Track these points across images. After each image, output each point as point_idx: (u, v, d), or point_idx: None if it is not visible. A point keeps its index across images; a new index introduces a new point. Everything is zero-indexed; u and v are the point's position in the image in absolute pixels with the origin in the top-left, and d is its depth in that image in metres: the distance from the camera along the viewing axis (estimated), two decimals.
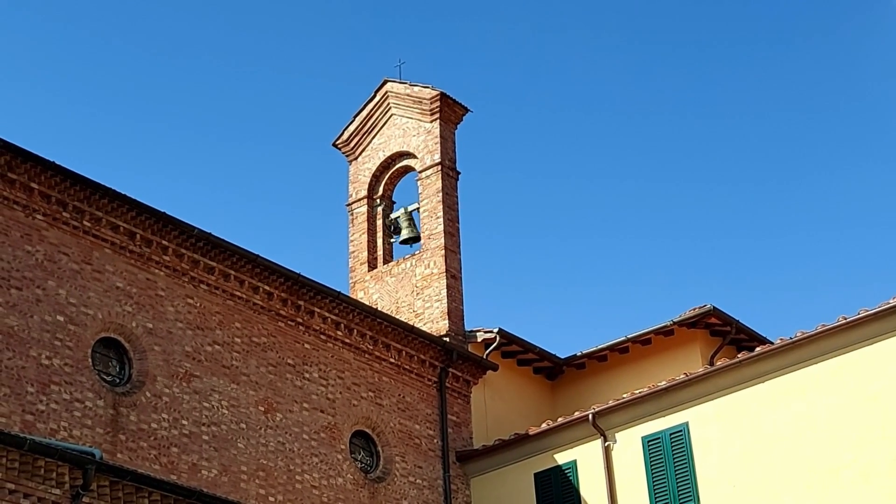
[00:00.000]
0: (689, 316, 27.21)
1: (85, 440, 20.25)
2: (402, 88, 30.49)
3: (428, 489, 25.82)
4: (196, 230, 22.87)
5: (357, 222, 30.38)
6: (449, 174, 29.62)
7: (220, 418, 22.58)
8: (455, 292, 28.43)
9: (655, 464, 24.27)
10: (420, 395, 26.57)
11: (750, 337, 27.51)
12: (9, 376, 19.75)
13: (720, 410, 23.87)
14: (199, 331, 22.85)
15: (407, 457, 25.70)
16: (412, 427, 26.07)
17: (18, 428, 19.38)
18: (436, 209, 29.15)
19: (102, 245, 21.85)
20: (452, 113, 30.17)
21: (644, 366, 28.06)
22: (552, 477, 25.52)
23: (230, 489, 22.08)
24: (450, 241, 28.86)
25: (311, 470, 23.75)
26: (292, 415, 23.85)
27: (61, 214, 21.34)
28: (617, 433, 24.93)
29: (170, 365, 22.14)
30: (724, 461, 23.53)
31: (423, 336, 26.68)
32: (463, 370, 27.37)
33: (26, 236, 20.83)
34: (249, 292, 23.87)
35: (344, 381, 25.09)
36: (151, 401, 21.65)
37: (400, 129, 30.52)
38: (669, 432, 24.30)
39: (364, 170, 30.83)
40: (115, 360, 21.73)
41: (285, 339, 24.29)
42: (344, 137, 31.25)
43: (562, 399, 29.34)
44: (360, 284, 29.64)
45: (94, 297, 21.43)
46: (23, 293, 20.43)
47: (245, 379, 23.27)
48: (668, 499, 23.91)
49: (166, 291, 22.58)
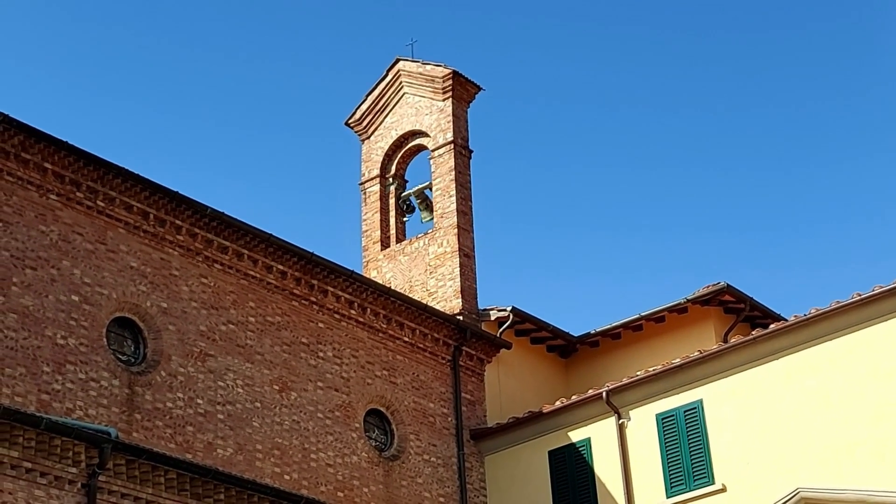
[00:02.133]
0: (703, 293, 27.17)
1: (101, 419, 20.32)
2: (415, 67, 30.45)
3: (442, 467, 25.88)
4: (209, 209, 22.89)
5: (370, 201, 30.38)
6: (462, 153, 29.58)
7: (235, 397, 22.64)
8: (468, 271, 28.42)
9: (670, 441, 24.28)
10: (434, 373, 26.60)
11: (764, 314, 27.47)
12: (24, 356, 19.82)
13: (734, 388, 23.87)
14: (214, 310, 22.90)
15: (421, 435, 25.75)
16: (426, 405, 26.11)
17: (34, 407, 19.46)
18: (448, 188, 29.12)
19: (116, 225, 21.88)
20: (465, 91, 30.11)
21: (658, 343, 28.04)
22: (566, 455, 25.54)
23: (245, 468, 22.16)
24: (462, 220, 28.84)
25: (325, 448, 23.81)
26: (307, 393, 23.91)
27: (75, 194, 21.38)
28: (631, 410, 24.94)
29: (184, 344, 22.20)
30: (739, 438, 23.53)
31: (437, 315, 26.69)
32: (476, 348, 27.39)
33: (40, 216, 20.87)
34: (263, 271, 23.90)
35: (358, 360, 25.12)
36: (166, 380, 21.71)
37: (412, 108, 30.48)
38: (683, 409, 24.30)
39: (377, 149, 30.81)
40: (129, 340, 21.79)
41: (299, 318, 24.32)
42: (356, 116, 31.22)
43: (575, 377, 29.34)
44: (374, 263, 29.66)
45: (108, 276, 21.48)
46: (38, 273, 20.48)
47: (259, 358, 23.33)
48: (683, 476, 23.93)
49: (180, 271, 22.62)
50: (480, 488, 26.35)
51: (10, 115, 20.35)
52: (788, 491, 22.42)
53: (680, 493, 23.85)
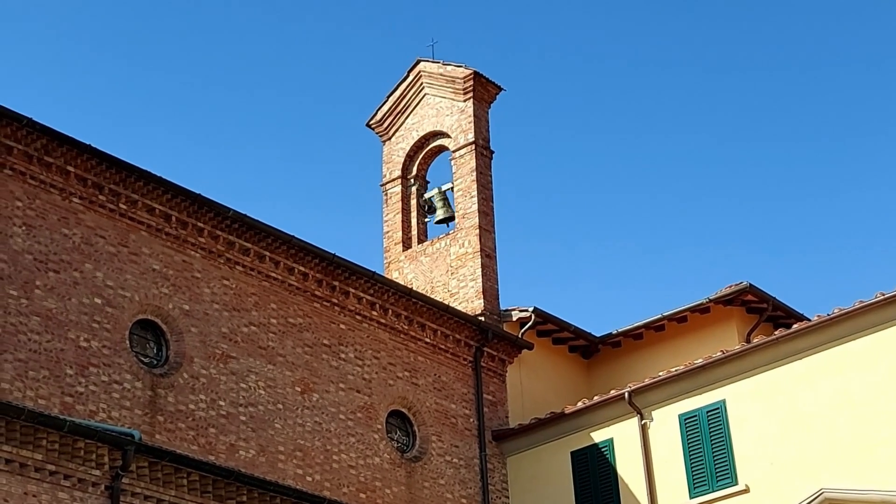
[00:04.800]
0: (726, 293, 27.09)
1: (124, 422, 20.38)
2: (436, 68, 30.45)
3: (464, 468, 25.87)
4: (231, 212, 22.94)
5: (391, 202, 30.40)
6: (483, 153, 29.57)
7: (257, 399, 22.68)
8: (490, 271, 28.40)
9: (692, 441, 24.22)
10: (456, 374, 26.60)
11: (787, 314, 27.38)
12: (48, 359, 19.90)
13: (757, 388, 23.79)
14: (236, 312, 22.94)
15: (443, 436, 25.75)
16: (448, 406, 26.11)
17: (58, 410, 19.53)
18: (470, 188, 29.11)
19: (139, 227, 21.95)
20: (486, 92, 30.09)
21: (680, 344, 27.97)
22: (589, 455, 25.51)
23: (268, 469, 22.20)
24: (484, 221, 28.83)
25: (347, 450, 23.83)
26: (329, 395, 23.93)
27: (98, 197, 21.45)
28: (653, 411, 24.89)
29: (206, 346, 22.25)
30: (762, 438, 23.45)
31: (459, 315, 26.69)
32: (498, 349, 27.37)
33: (63, 219, 20.95)
34: (285, 273, 23.94)
35: (380, 361, 25.14)
36: (189, 382, 21.76)
37: (433, 109, 30.48)
38: (706, 410, 24.24)
39: (398, 150, 30.83)
40: (152, 342, 21.85)
41: (321, 319, 24.35)
42: (377, 118, 31.24)
43: (597, 377, 29.29)
44: (395, 264, 29.67)
45: (130, 279, 21.54)
46: (60, 276, 20.56)
47: (281, 359, 23.36)
48: (706, 476, 23.87)
49: (202, 273, 22.67)
50: (503, 489, 26.34)
51: (33, 118, 20.45)
52: (812, 492, 22.33)
53: (703, 494, 23.79)
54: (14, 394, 19.18)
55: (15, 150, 20.48)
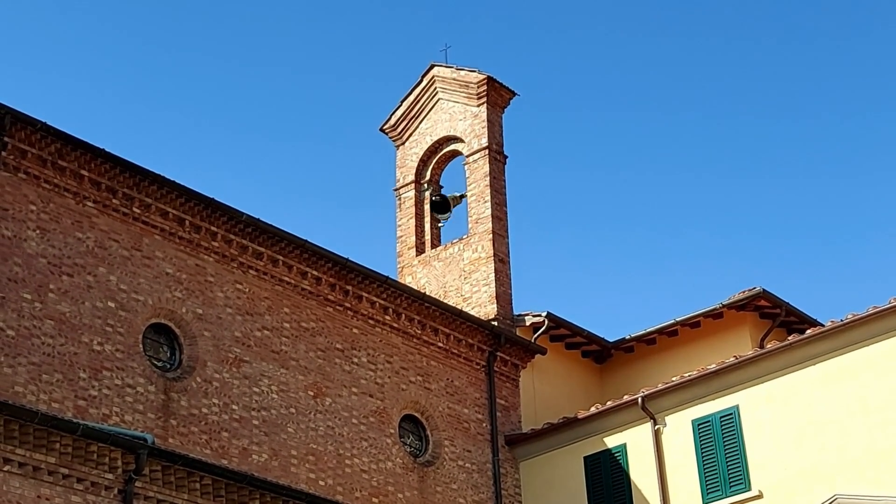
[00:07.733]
0: (739, 298, 27.05)
1: (137, 425, 20.42)
2: (449, 73, 30.47)
3: (477, 473, 25.86)
4: (244, 216, 22.97)
5: (405, 207, 30.41)
6: (496, 158, 29.57)
7: (270, 403, 22.70)
8: (503, 276, 28.39)
9: (706, 447, 24.17)
10: (468, 379, 26.59)
11: (800, 319, 27.32)
12: (61, 362, 19.95)
13: (771, 393, 23.75)
14: (249, 316, 22.97)
15: (456, 441, 25.74)
16: (461, 411, 26.10)
17: (71, 413, 19.57)
18: (483, 193, 29.11)
19: (152, 231, 22.00)
20: (499, 97, 30.09)
21: (693, 349, 27.93)
22: (602, 460, 25.48)
23: (280, 473, 22.21)
24: (497, 226, 28.82)
25: (360, 454, 23.83)
26: (341, 399, 23.94)
27: (111, 201, 21.51)
28: (667, 416, 24.86)
29: (220, 350, 22.28)
30: (775, 444, 23.40)
31: (472, 320, 26.68)
32: (511, 354, 27.36)
33: (77, 223, 21.01)
34: (298, 277, 23.96)
35: (392, 366, 25.14)
36: (202, 386, 21.79)
37: (447, 114, 30.50)
38: (720, 415, 24.20)
39: (411, 154, 30.84)
40: (165, 346, 21.89)
41: (334, 323, 24.37)
42: (391, 122, 31.26)
43: (610, 382, 29.26)
44: (408, 269, 29.67)
45: (144, 283, 21.59)
46: (74, 280, 20.62)
47: (294, 364, 23.38)
48: (719, 482, 23.82)
49: (215, 277, 22.71)
50: (515, 494, 26.32)
51: (47, 122, 20.52)
52: (826, 497, 22.28)
53: (716, 500, 23.74)
54: (28, 397, 19.23)
55: (29, 154, 20.55)
